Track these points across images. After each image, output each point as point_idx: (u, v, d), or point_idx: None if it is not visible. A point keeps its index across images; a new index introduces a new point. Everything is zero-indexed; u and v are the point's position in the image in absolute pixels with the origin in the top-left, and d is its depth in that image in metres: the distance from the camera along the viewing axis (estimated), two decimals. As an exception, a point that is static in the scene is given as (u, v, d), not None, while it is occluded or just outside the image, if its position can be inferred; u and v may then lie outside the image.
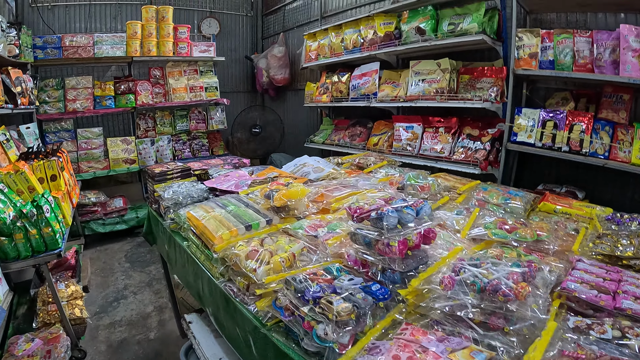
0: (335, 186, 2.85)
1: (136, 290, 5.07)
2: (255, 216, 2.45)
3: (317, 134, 6.89)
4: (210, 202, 2.76)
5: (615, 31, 3.77)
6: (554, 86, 4.55)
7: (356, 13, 6.70)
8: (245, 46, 9.51)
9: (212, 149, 7.89)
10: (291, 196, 2.50)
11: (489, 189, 2.87)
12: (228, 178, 3.38)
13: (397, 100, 5.16)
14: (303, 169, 3.57)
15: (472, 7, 4.56)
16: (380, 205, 1.82)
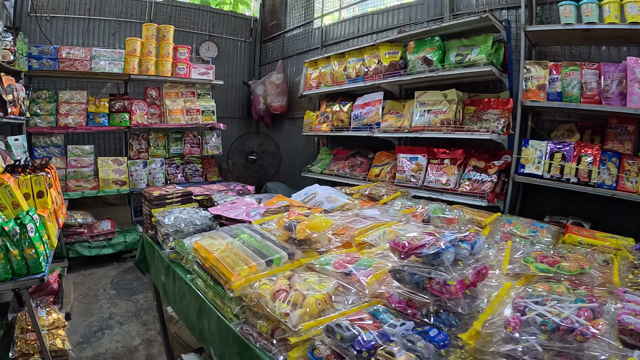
0: (354, 217, 2.73)
1: (122, 321, 4.80)
2: (274, 249, 2.19)
3: (315, 163, 6.79)
4: (220, 232, 2.52)
5: (622, 63, 3.81)
6: (559, 118, 4.56)
7: (357, 42, 6.67)
8: (243, 72, 9.46)
9: (206, 174, 7.72)
10: (315, 228, 2.28)
11: (513, 221, 2.82)
12: (235, 206, 3.18)
13: (402, 131, 5.10)
14: (315, 199, 3.43)
15: (479, 39, 4.57)
16: (432, 240, 1.65)
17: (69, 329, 4.26)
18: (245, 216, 2.91)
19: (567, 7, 3.98)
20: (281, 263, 2.13)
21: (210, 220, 3.01)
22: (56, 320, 3.89)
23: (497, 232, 2.66)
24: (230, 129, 8.34)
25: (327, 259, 2.10)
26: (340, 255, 2.17)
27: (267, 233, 2.45)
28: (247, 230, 2.47)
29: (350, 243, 2.42)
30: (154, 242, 3.19)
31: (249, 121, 9.53)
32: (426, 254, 1.59)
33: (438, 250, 1.57)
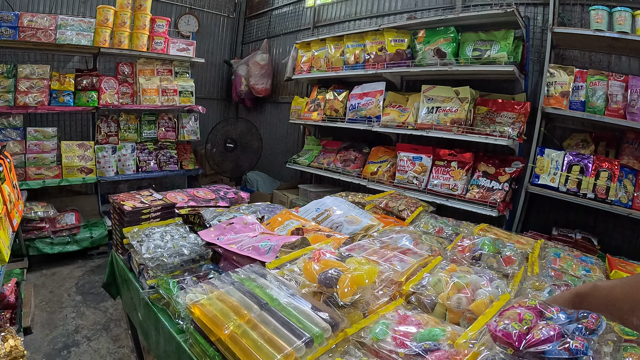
0: (389, 252, 2.25)
1: (90, 335, 4.16)
2: (311, 318, 1.57)
3: (302, 154, 6.37)
4: (226, 284, 1.81)
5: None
6: (572, 126, 4.37)
7: (355, 25, 6.29)
8: (224, 50, 8.89)
9: (182, 161, 7.05)
10: (360, 282, 1.71)
11: (562, 255, 2.56)
12: (233, 229, 2.55)
13: (405, 127, 4.73)
14: (332, 219, 2.91)
15: (498, 34, 4.24)
16: (554, 331, 1.25)
17: (30, 346, 3.73)
18: (253, 252, 2.20)
19: (600, 12, 3.76)
20: (324, 341, 1.53)
21: (202, 249, 2.42)
22: (14, 348, 2.92)
23: (547, 268, 2.35)
24: (208, 111, 7.67)
25: (382, 330, 1.53)
26: (393, 317, 1.64)
27: (292, 285, 1.81)
28: (264, 283, 1.81)
29: (395, 294, 1.91)
30: (127, 268, 2.62)
31: (228, 103, 8.98)
32: (557, 357, 1.20)
33: (576, 354, 1.19)
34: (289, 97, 6.89)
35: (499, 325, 1.30)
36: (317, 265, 1.81)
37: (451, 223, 3.12)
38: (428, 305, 1.79)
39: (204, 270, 2.28)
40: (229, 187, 3.70)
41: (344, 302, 1.64)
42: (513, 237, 2.94)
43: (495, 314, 1.53)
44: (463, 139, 4.32)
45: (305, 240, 2.31)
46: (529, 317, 1.33)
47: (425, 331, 1.50)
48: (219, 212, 2.90)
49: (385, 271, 1.91)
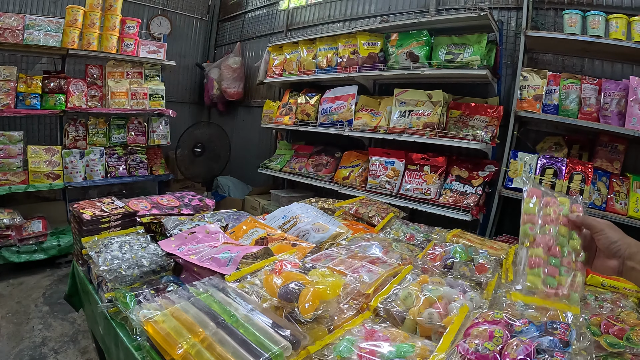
0: (357, 262, 2.14)
1: (58, 348, 3.97)
2: (270, 336, 1.45)
3: (274, 159, 6.26)
4: (182, 300, 1.70)
5: (623, 82, 3.72)
6: (545, 129, 4.40)
7: (328, 28, 6.22)
8: (196, 52, 8.73)
9: (152, 167, 6.81)
10: (323, 296, 1.59)
11: None
12: (195, 239, 2.41)
13: (377, 131, 4.65)
14: (298, 226, 2.79)
15: (472, 38, 4.21)
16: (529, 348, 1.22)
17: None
18: (213, 264, 2.07)
19: (574, 16, 3.78)
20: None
21: (163, 259, 2.28)
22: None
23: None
24: (179, 115, 7.36)
25: (346, 348, 1.43)
26: (359, 332, 1.54)
27: (252, 300, 1.70)
28: (222, 298, 1.70)
29: (363, 306, 1.81)
30: (87, 280, 2.47)
31: (200, 107, 8.82)
32: None
33: None
34: (262, 101, 6.78)
35: (471, 347, 1.26)
36: (278, 278, 1.70)
37: (423, 229, 3.05)
38: (398, 317, 1.70)
39: (164, 282, 2.14)
40: (195, 194, 3.56)
41: (305, 318, 1.53)
42: (487, 242, 2.88)
43: (457, 330, 1.47)
44: (436, 143, 4.27)
45: (268, 250, 2.19)
46: (499, 334, 1.30)
47: (394, 348, 1.42)
48: (181, 221, 2.74)
49: (351, 283, 1.80)
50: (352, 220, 3.25)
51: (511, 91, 4.25)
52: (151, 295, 1.94)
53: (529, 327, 1.36)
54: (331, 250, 2.32)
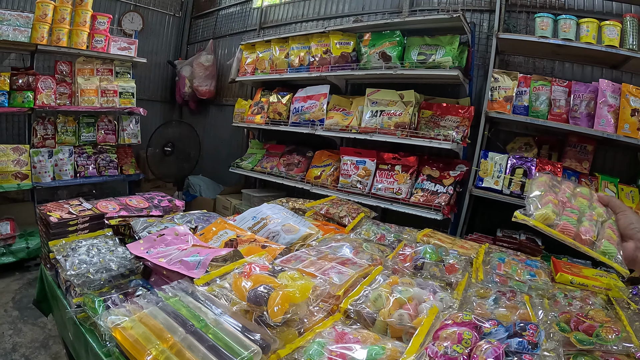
0: (327, 263, 2.11)
1: (29, 354, 3.83)
2: (240, 340, 1.42)
3: (245, 158, 6.20)
4: (153, 307, 1.63)
5: (592, 84, 3.83)
6: (516, 130, 4.49)
7: (301, 27, 6.19)
8: (169, 50, 8.60)
9: (122, 166, 6.66)
10: (293, 299, 1.58)
11: (506, 260, 2.51)
12: (164, 241, 2.35)
13: (349, 131, 4.64)
14: (268, 227, 2.75)
15: (444, 39, 4.23)
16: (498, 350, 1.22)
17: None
18: (182, 267, 2.03)
19: (545, 19, 3.83)
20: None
21: (131, 263, 2.21)
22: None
23: (492, 274, 2.30)
24: (150, 113, 7.25)
25: (317, 351, 1.41)
26: (330, 334, 1.53)
27: (222, 303, 1.66)
28: (191, 302, 1.66)
29: (334, 307, 1.80)
30: (55, 285, 2.40)
31: (172, 105, 8.69)
32: None
33: None
34: (234, 100, 6.71)
35: (440, 350, 1.24)
36: (247, 282, 1.66)
37: (393, 229, 3.02)
38: (368, 319, 1.68)
39: (133, 286, 2.08)
40: (164, 195, 3.48)
41: (275, 322, 1.50)
42: (457, 242, 2.89)
43: (427, 331, 1.45)
44: (407, 143, 4.28)
45: (237, 252, 2.14)
46: (468, 336, 1.29)
47: (364, 350, 1.40)
48: (149, 223, 2.67)
49: (321, 285, 1.77)
50: (322, 221, 3.22)
51: (482, 92, 4.30)
52: (120, 300, 1.89)
53: (498, 328, 1.35)
54: (301, 252, 2.29)
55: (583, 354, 1.57)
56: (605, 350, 1.60)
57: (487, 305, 1.81)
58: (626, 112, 3.66)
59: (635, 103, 3.66)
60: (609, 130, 3.68)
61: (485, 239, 4.06)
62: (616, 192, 3.83)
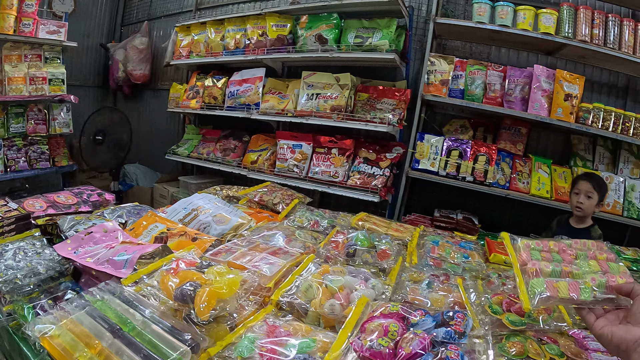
0: (258, 254, 2.05)
1: None
2: (168, 341, 1.37)
3: (181, 144, 6.02)
4: (80, 312, 1.54)
5: (527, 70, 3.96)
6: (452, 112, 4.58)
7: (238, 9, 6.03)
8: (101, 32, 8.14)
9: (54, 158, 6.26)
10: (221, 295, 1.51)
11: (440, 243, 2.50)
12: (92, 239, 2.21)
13: (285, 114, 4.57)
14: (199, 219, 2.65)
15: (381, 22, 4.22)
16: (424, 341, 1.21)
17: None
18: (110, 267, 1.93)
19: (483, 5, 3.91)
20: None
21: (60, 265, 2.05)
22: None
23: (426, 257, 2.28)
24: (82, 100, 6.84)
25: (247, 347, 1.38)
26: (261, 328, 1.50)
27: (150, 303, 1.60)
28: (118, 304, 1.58)
29: (265, 299, 1.76)
30: None
31: (105, 91, 8.29)
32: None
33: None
34: (169, 84, 6.49)
35: (365, 344, 1.21)
36: (174, 279, 1.59)
37: (328, 215, 2.98)
38: (300, 310, 1.64)
39: (63, 289, 1.95)
40: (94, 189, 3.29)
41: (202, 320, 1.45)
42: (392, 225, 2.87)
43: (355, 323, 1.42)
44: (344, 126, 4.25)
45: (166, 248, 2.03)
46: (394, 328, 1.27)
47: (295, 344, 1.37)
48: (77, 220, 2.50)
49: (250, 278, 1.73)
50: (256, 209, 3.12)
51: (419, 75, 4.30)
52: (49, 306, 1.76)
53: (425, 318, 1.33)
54: (232, 243, 2.20)
55: (515, 334, 1.57)
56: (538, 329, 1.61)
57: (421, 290, 1.80)
58: (560, 96, 3.79)
59: (569, 88, 3.80)
60: (543, 114, 3.81)
61: (423, 219, 4.12)
62: (549, 173, 3.96)
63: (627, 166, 4.09)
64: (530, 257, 1.41)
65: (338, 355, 1.28)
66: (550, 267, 1.35)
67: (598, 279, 1.27)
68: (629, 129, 3.82)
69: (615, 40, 3.79)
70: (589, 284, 1.27)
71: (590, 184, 3.36)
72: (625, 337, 1.09)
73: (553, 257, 1.42)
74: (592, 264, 1.36)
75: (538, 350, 1.47)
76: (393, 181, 4.30)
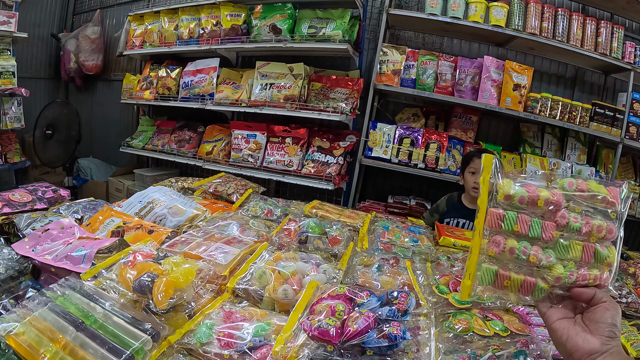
0: (213, 244, 2.09)
1: None
2: (129, 331, 1.42)
3: (136, 136, 5.94)
4: (42, 308, 1.53)
5: (478, 60, 4.07)
6: (404, 101, 4.68)
7: (194, -2, 5.96)
8: (52, 21, 7.87)
9: (6, 154, 6.03)
10: (178, 284, 1.56)
11: (390, 228, 2.56)
12: (49, 236, 2.19)
13: (239, 105, 4.56)
14: (155, 211, 2.67)
15: (335, 12, 4.25)
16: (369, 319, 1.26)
17: None
18: (69, 263, 1.92)
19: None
20: (146, 355, 1.39)
21: (19, 264, 2.02)
22: None
23: (377, 242, 2.34)
24: (33, 93, 6.65)
25: (205, 333, 1.44)
26: (218, 315, 1.57)
27: (110, 296, 1.62)
28: (79, 299, 1.60)
29: (221, 287, 1.80)
30: None
31: (57, 83, 8.05)
32: (377, 345, 1.23)
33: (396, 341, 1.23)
34: (122, 75, 6.40)
35: (314, 324, 1.27)
36: (132, 271, 1.63)
37: (281, 204, 3.02)
38: (255, 296, 1.70)
39: (23, 288, 1.93)
40: (48, 185, 3.23)
41: (160, 309, 1.49)
42: (345, 212, 2.92)
43: (305, 306, 1.47)
44: (297, 116, 4.28)
45: (123, 241, 2.04)
46: (341, 308, 1.32)
47: (251, 328, 1.45)
48: (33, 218, 2.47)
49: (205, 267, 1.78)
50: (211, 199, 3.13)
51: (372, 65, 4.35)
52: (11, 305, 1.75)
53: (370, 298, 1.38)
54: (187, 234, 2.23)
55: (461, 312, 1.64)
56: (483, 307, 1.68)
57: (371, 273, 1.86)
58: (509, 86, 3.91)
59: (517, 79, 3.92)
60: (492, 103, 3.93)
61: (377, 205, 4.21)
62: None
63: (574, 152, 4.27)
64: (501, 223, 1.10)
65: (289, 335, 1.33)
66: (516, 252, 1.09)
67: (564, 279, 1.09)
68: (575, 117, 3.97)
69: (564, 33, 3.94)
70: (547, 285, 1.10)
71: None
72: (581, 347, 1.01)
73: (530, 227, 1.10)
74: (576, 248, 1.11)
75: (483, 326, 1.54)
76: (347, 169, 4.35)
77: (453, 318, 1.59)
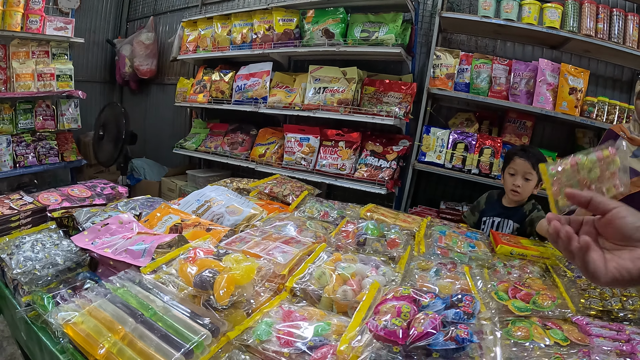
0: (272, 243, 2.09)
1: None
2: (189, 325, 1.42)
3: (189, 138, 6.06)
4: (101, 299, 1.59)
5: (532, 63, 3.97)
6: (457, 106, 4.60)
7: (244, 3, 6.04)
8: (107, 28, 8.17)
9: (63, 153, 6.32)
10: (239, 281, 1.58)
11: (447, 233, 2.54)
12: (109, 231, 2.26)
13: (292, 108, 4.62)
14: (212, 210, 2.71)
15: (387, 16, 4.25)
16: (435, 321, 1.25)
17: None
18: (128, 257, 1.98)
19: (488, 0, 3.92)
20: (205, 350, 1.39)
21: (77, 255, 2.11)
22: None
23: (434, 247, 2.33)
24: (90, 95, 6.90)
25: (265, 330, 1.43)
26: (277, 314, 1.56)
27: (170, 290, 1.65)
28: (139, 291, 1.63)
29: (280, 286, 1.81)
30: (3, 284, 2.23)
31: (112, 86, 8.32)
32: (444, 347, 1.21)
33: (464, 343, 1.21)
34: (175, 79, 6.55)
35: (380, 324, 1.26)
36: (192, 267, 1.66)
37: (337, 206, 3.03)
38: (314, 296, 1.70)
39: (81, 279, 1.99)
40: (107, 182, 3.33)
41: (222, 305, 1.51)
42: (400, 216, 2.91)
43: (369, 306, 1.47)
44: (350, 119, 4.30)
45: (182, 237, 2.10)
46: (406, 309, 1.31)
47: (311, 327, 1.43)
48: (93, 213, 2.54)
49: (265, 266, 1.77)
50: (267, 200, 3.17)
51: (425, 69, 4.35)
52: (68, 295, 1.80)
53: (435, 301, 1.37)
54: (245, 233, 2.26)
55: (521, 319, 1.62)
56: (542, 315, 1.66)
57: (429, 277, 1.84)
58: (564, 90, 3.82)
59: (573, 82, 3.82)
60: (548, 108, 3.84)
61: (429, 211, 4.18)
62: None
63: (631, 158, 4.14)
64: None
65: (354, 335, 1.31)
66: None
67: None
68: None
69: (620, 35, 3.82)
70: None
71: (528, 162, 2.83)
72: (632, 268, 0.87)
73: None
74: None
75: (543, 335, 1.52)
76: (400, 173, 4.35)
77: (512, 325, 1.58)
